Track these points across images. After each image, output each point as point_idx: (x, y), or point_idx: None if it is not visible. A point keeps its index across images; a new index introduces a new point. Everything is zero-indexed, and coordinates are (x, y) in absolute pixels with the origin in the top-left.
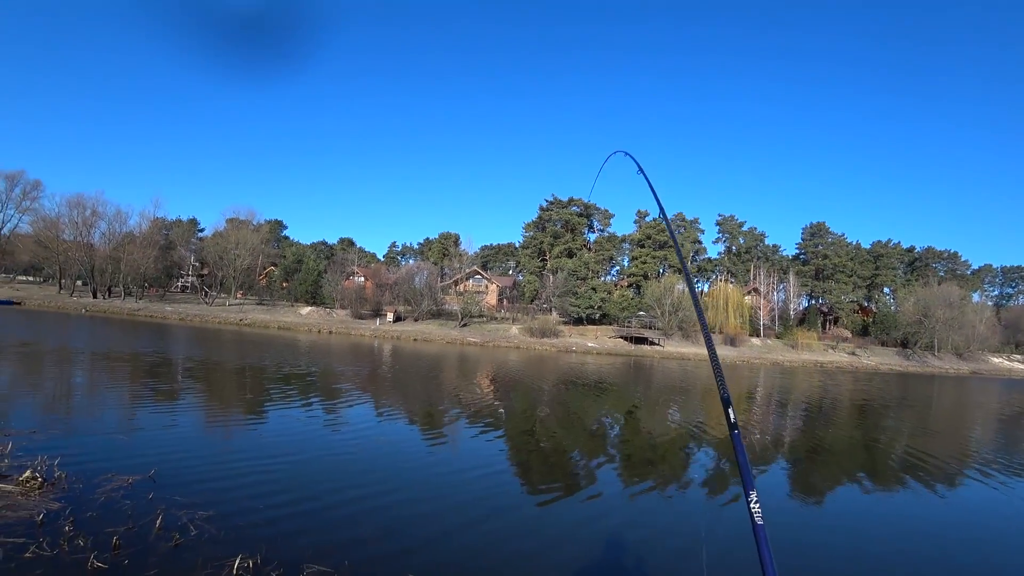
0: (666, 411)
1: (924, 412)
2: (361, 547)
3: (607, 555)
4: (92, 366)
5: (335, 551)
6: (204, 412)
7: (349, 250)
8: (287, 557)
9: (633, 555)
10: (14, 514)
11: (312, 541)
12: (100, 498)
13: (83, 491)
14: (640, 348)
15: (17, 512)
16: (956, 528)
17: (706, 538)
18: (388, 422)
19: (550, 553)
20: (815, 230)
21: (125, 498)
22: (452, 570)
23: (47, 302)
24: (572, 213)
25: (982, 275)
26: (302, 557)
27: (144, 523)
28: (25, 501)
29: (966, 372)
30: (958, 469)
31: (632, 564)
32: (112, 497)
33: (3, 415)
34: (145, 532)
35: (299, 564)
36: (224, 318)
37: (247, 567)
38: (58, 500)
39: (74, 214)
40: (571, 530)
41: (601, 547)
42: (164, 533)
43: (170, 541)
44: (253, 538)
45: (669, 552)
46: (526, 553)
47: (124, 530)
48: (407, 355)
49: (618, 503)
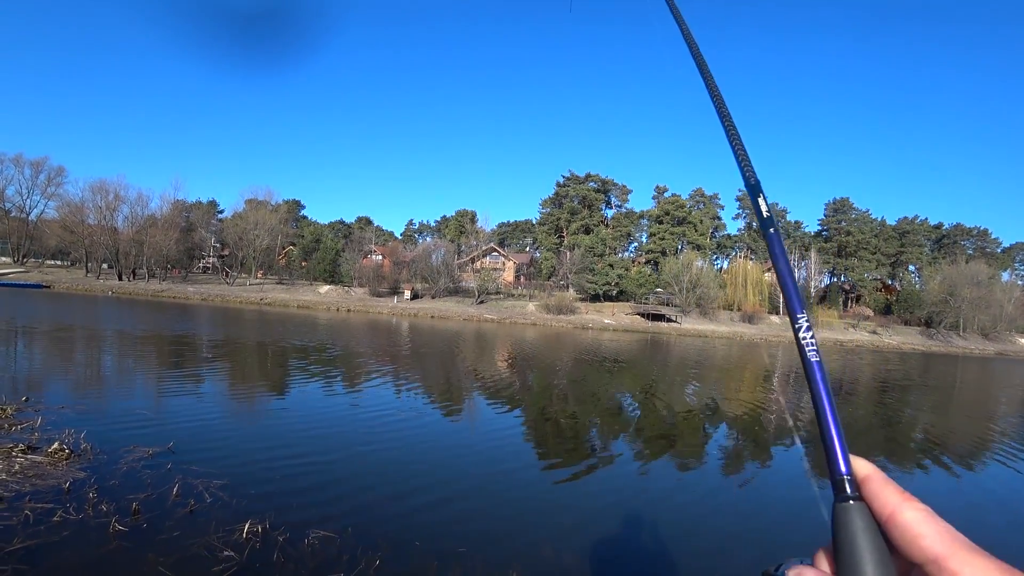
0: (684, 388)
1: (947, 394)
2: (365, 512)
3: (617, 524)
4: (118, 345)
5: (341, 516)
6: (224, 387)
7: (366, 229)
8: (294, 522)
9: (646, 528)
10: (43, 482)
11: (319, 507)
12: (122, 468)
13: (107, 461)
14: (657, 325)
15: (46, 480)
16: (971, 509)
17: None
18: (405, 396)
19: (561, 518)
20: (838, 206)
21: (145, 468)
22: (456, 530)
23: (75, 285)
24: (589, 189)
25: (1013, 253)
26: (309, 522)
27: (162, 491)
28: (53, 470)
29: (991, 353)
30: (978, 452)
31: (644, 536)
32: (133, 467)
33: (35, 391)
34: (163, 499)
35: (305, 528)
36: (245, 298)
37: (256, 531)
38: (83, 470)
39: (97, 199)
40: (583, 499)
41: (611, 516)
42: (180, 500)
43: (186, 507)
44: (263, 505)
45: (681, 526)
46: (536, 518)
47: (144, 497)
48: (424, 332)
49: (631, 476)
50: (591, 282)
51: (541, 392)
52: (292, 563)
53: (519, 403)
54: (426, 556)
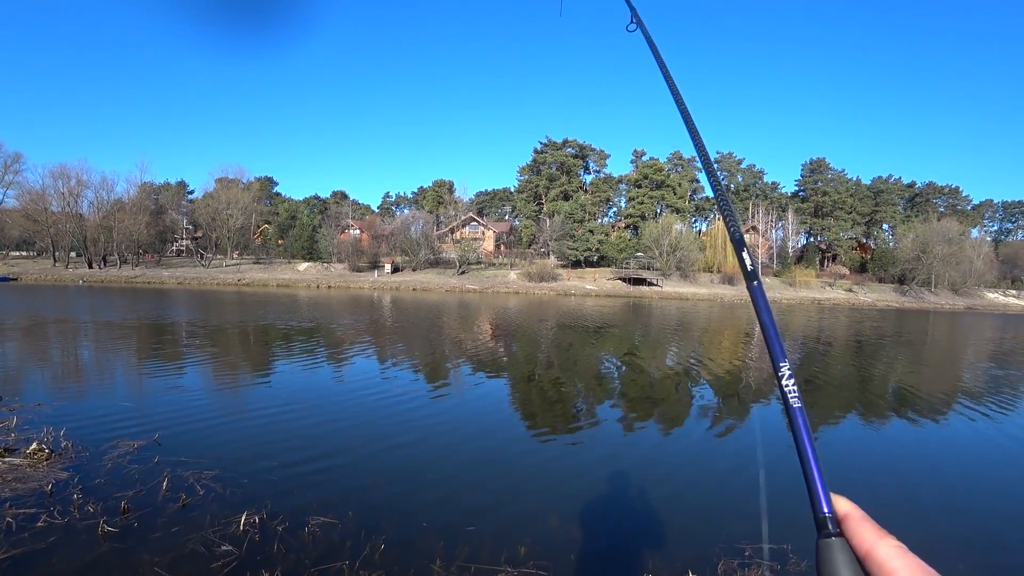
0: (666, 350)
1: (918, 348)
2: (365, 495)
3: (619, 490)
4: (94, 335)
5: (341, 501)
6: (207, 373)
7: (343, 203)
8: (292, 509)
9: (649, 491)
10: (24, 486)
11: (317, 493)
12: (107, 464)
13: (90, 459)
14: (639, 289)
15: (27, 484)
16: (945, 450)
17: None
18: (391, 372)
19: (557, 488)
20: (815, 166)
21: (132, 463)
22: (460, 508)
23: (43, 276)
24: (567, 155)
25: (982, 210)
26: (308, 509)
27: (151, 486)
28: (34, 472)
29: (961, 308)
30: (947, 402)
31: (649, 499)
32: (119, 463)
33: (8, 390)
34: (152, 495)
35: (304, 516)
36: (222, 279)
37: (253, 522)
38: (66, 469)
39: (59, 184)
40: (584, 467)
41: (613, 482)
42: (171, 495)
43: (177, 502)
44: (259, 494)
45: (672, 486)
46: (532, 490)
47: (132, 494)
48: (407, 305)
49: (626, 439)
50: (572, 248)
51: (526, 360)
52: (293, 553)
53: (507, 372)
54: (432, 536)
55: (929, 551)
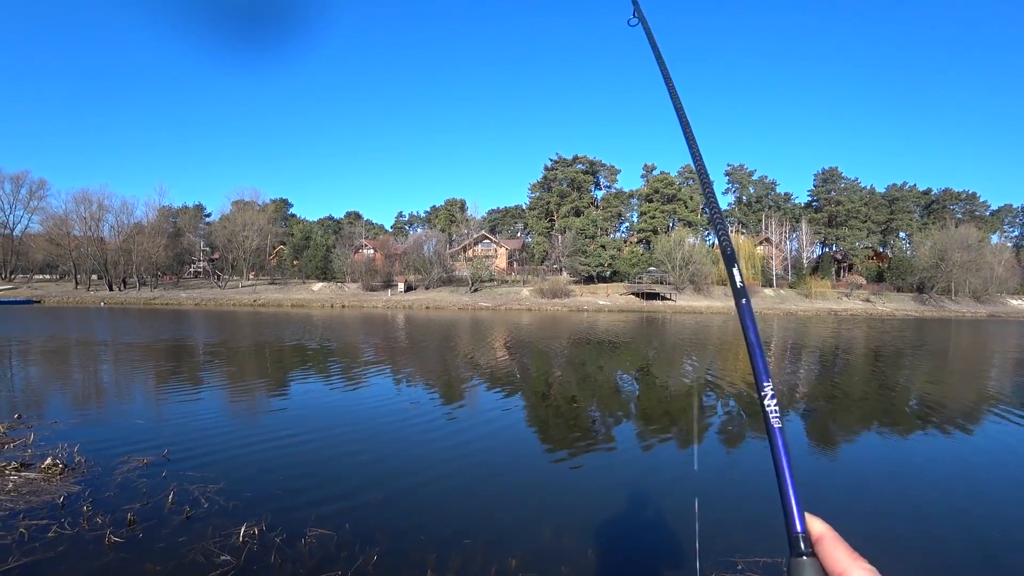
0: (681, 365)
1: (940, 358)
2: (363, 507)
3: (618, 505)
4: (111, 356)
5: (338, 513)
6: (218, 391)
7: (356, 223)
8: (291, 521)
9: (649, 503)
10: (37, 498)
11: (316, 506)
12: (117, 479)
13: (101, 474)
14: (652, 304)
15: (40, 496)
16: (971, 468)
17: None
18: (403, 388)
19: (566, 503)
20: (827, 176)
21: (140, 477)
22: (456, 521)
23: (65, 298)
24: (577, 171)
25: (1001, 216)
26: (305, 522)
27: (158, 499)
28: (47, 486)
29: (983, 315)
30: (974, 414)
31: (648, 512)
32: (128, 477)
33: (28, 408)
34: (159, 507)
35: (302, 527)
36: (238, 300)
37: (252, 534)
38: (78, 483)
39: (81, 209)
40: (586, 480)
41: (615, 495)
42: (176, 507)
43: (182, 514)
44: (259, 507)
45: (682, 499)
46: (540, 504)
47: (139, 506)
48: (420, 323)
49: (634, 453)
50: (584, 264)
51: (539, 377)
52: (290, 563)
53: (518, 388)
54: (425, 547)
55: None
